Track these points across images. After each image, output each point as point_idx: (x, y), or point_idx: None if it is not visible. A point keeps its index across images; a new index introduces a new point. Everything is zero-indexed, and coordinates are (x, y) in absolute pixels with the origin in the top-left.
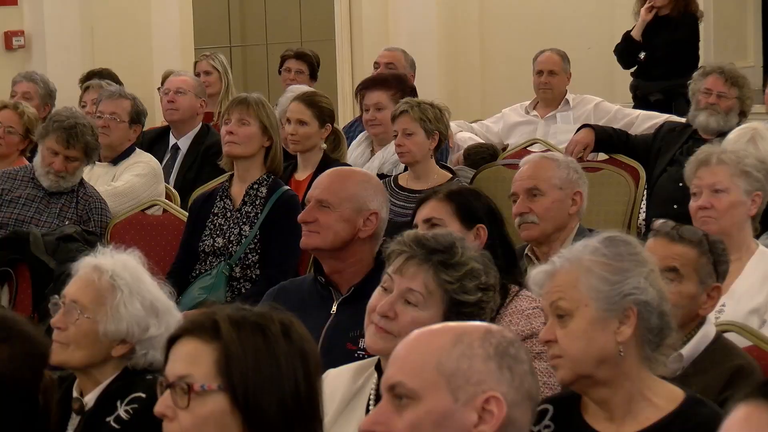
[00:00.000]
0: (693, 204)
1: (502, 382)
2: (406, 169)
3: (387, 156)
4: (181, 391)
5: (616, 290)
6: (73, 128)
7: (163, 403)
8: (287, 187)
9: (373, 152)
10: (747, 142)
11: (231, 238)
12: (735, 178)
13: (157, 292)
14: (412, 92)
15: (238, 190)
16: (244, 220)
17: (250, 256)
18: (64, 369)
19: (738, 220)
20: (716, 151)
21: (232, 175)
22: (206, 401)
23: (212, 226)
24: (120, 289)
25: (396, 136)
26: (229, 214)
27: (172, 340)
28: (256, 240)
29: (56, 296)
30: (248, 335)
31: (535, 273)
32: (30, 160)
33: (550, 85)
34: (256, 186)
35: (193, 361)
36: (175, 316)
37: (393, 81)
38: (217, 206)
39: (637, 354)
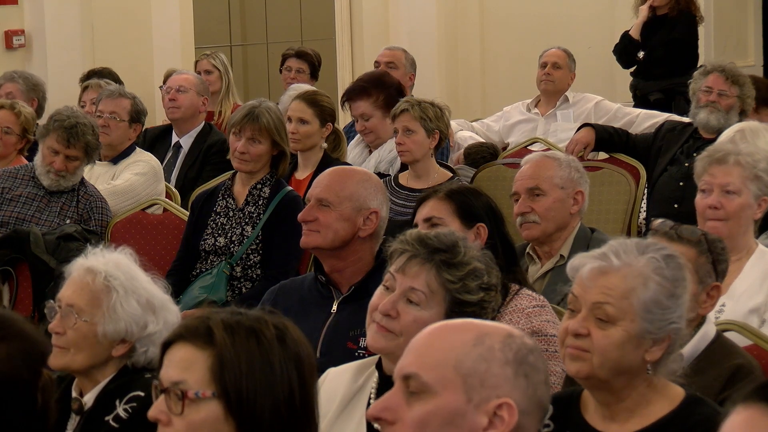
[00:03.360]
0: (701, 200)
1: (517, 389)
2: (402, 169)
3: (383, 155)
4: (176, 397)
5: (665, 315)
6: (73, 127)
7: (157, 408)
8: (290, 188)
9: (370, 152)
10: (733, 138)
11: (233, 238)
12: (747, 182)
13: (152, 288)
14: (399, 90)
15: (240, 189)
16: (247, 220)
17: (251, 256)
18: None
19: (744, 224)
20: (733, 151)
21: (234, 174)
22: (200, 408)
23: (214, 225)
24: (115, 289)
25: (396, 134)
26: (231, 214)
27: (166, 345)
28: (258, 240)
29: (51, 301)
30: (242, 341)
31: (586, 264)
32: (29, 159)
33: (553, 77)
34: (259, 186)
35: (188, 367)
36: (171, 311)
37: (372, 87)
38: (219, 205)
39: (654, 370)
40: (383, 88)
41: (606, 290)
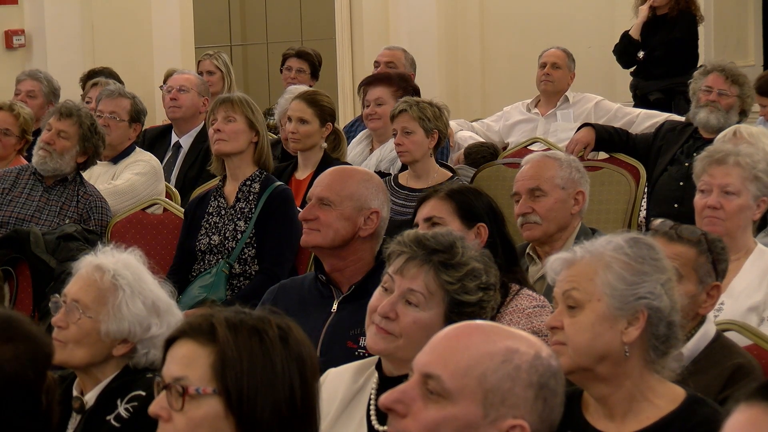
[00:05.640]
0: (700, 200)
1: (534, 412)
2: (403, 168)
3: (384, 154)
4: (176, 393)
5: (631, 291)
6: (70, 107)
7: (158, 404)
8: (280, 182)
9: (371, 151)
10: (731, 139)
11: (227, 235)
12: (747, 183)
13: (158, 291)
14: (415, 92)
15: (231, 189)
16: (239, 216)
17: (246, 250)
18: (64, 368)
19: (743, 224)
20: (733, 152)
21: (225, 175)
22: (200, 404)
23: (207, 225)
24: (122, 288)
25: (395, 134)
26: (223, 212)
27: (169, 342)
28: (251, 235)
29: (56, 295)
30: (245, 339)
31: (554, 259)
32: (28, 159)
33: (552, 77)
34: (248, 182)
35: (189, 363)
36: (176, 315)
37: (396, 79)
38: (211, 206)
39: (642, 357)
40: (404, 83)
41: (572, 278)
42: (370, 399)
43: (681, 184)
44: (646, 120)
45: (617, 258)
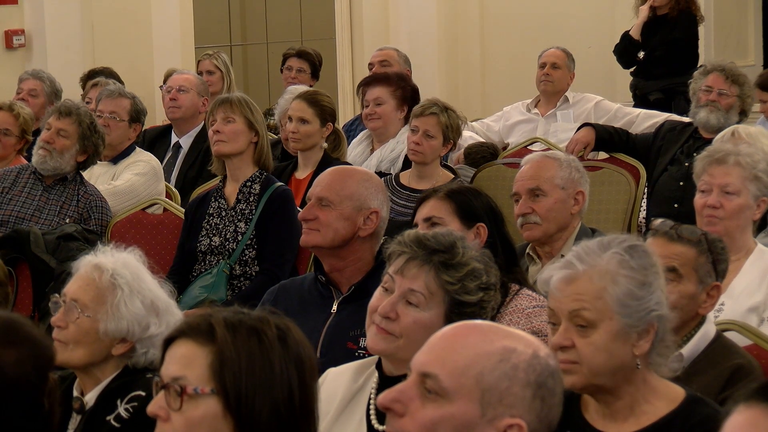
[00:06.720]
0: (700, 200)
1: (531, 412)
2: (403, 168)
3: (385, 154)
4: (175, 392)
5: (641, 305)
6: (69, 106)
7: (156, 404)
8: (280, 183)
9: (372, 151)
10: (729, 140)
11: (227, 236)
12: (747, 182)
13: (157, 290)
14: (414, 91)
15: (231, 190)
16: (239, 217)
17: (246, 251)
18: (64, 368)
19: (743, 224)
20: (733, 152)
21: (225, 176)
22: (199, 404)
23: (208, 227)
24: (120, 287)
25: (415, 131)
26: (224, 213)
27: (168, 341)
28: (252, 237)
29: (56, 295)
30: (243, 339)
31: (549, 273)
32: (28, 159)
33: (552, 77)
34: (249, 183)
35: (188, 363)
36: (175, 315)
37: (395, 78)
38: (212, 207)
39: (646, 363)
40: (404, 83)
41: (578, 296)
42: (369, 399)
43: (681, 184)
44: (646, 120)
45: (623, 273)
